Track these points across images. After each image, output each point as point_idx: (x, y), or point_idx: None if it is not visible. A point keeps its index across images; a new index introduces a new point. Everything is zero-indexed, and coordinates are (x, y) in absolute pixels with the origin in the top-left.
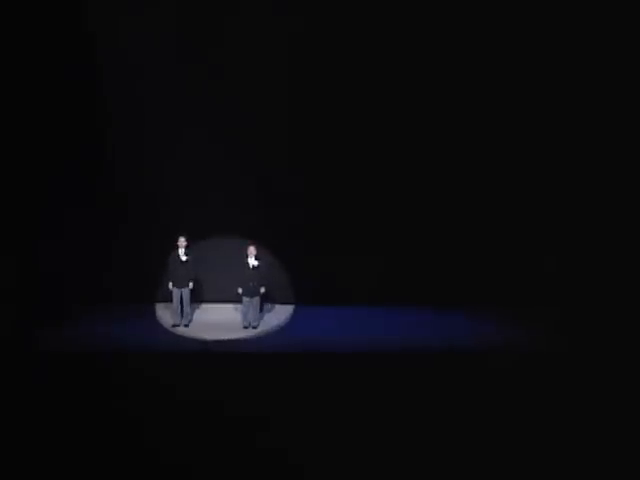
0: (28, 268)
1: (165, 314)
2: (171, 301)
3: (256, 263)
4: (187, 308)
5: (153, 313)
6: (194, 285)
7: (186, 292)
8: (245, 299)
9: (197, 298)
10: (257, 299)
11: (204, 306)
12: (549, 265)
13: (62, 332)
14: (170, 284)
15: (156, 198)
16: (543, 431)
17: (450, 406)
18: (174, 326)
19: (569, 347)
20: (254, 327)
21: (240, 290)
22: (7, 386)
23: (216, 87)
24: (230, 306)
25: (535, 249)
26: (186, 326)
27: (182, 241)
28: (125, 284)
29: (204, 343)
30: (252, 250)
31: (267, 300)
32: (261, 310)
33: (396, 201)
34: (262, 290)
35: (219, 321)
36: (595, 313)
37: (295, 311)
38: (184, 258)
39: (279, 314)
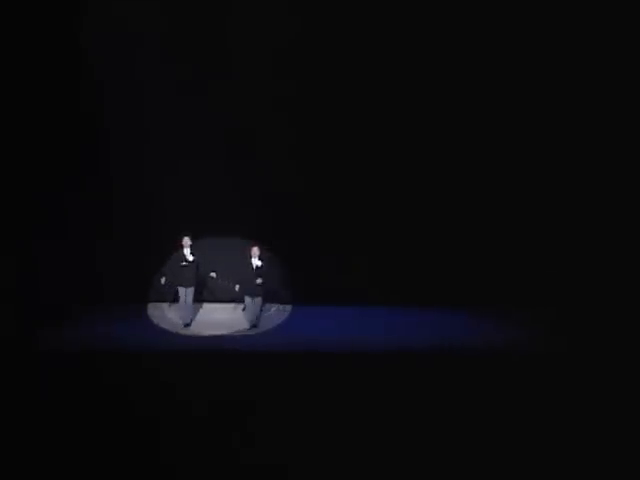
0: (28, 268)
1: (166, 314)
2: (170, 301)
3: (259, 263)
4: (189, 308)
5: (153, 313)
6: (198, 285)
7: (190, 292)
8: (247, 299)
9: (199, 298)
10: (259, 299)
11: (205, 306)
12: (548, 266)
13: (62, 332)
14: (163, 279)
15: (156, 198)
16: (543, 432)
17: (450, 406)
18: (186, 326)
19: (568, 348)
20: (254, 326)
21: (242, 290)
22: (7, 386)
23: (217, 87)
24: (231, 306)
25: (534, 250)
26: (187, 325)
27: (187, 241)
28: (125, 284)
29: (205, 343)
30: (255, 251)
31: (268, 300)
32: (261, 310)
33: (397, 202)
34: (265, 290)
35: (220, 321)
36: (594, 314)
37: (295, 311)
38: (190, 258)
39: (279, 314)
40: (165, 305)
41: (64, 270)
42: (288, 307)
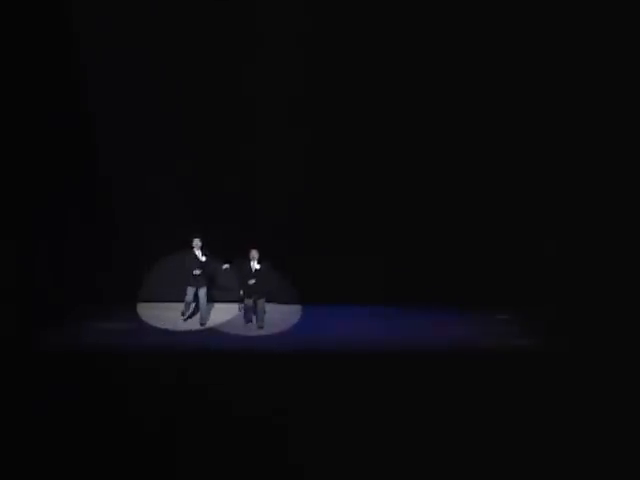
0: (28, 268)
1: (165, 314)
2: (175, 301)
3: (258, 266)
4: (204, 307)
5: (152, 313)
6: (210, 285)
7: (202, 292)
8: (247, 301)
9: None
10: (262, 301)
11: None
12: (548, 265)
13: (62, 332)
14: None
15: (155, 199)
16: (543, 431)
17: (450, 406)
18: (184, 317)
19: (569, 347)
20: (260, 327)
21: (242, 292)
22: (7, 386)
23: (216, 86)
24: (235, 306)
25: (534, 249)
26: (202, 324)
27: (197, 242)
28: (125, 284)
29: (207, 343)
30: (254, 254)
31: (269, 301)
32: (264, 312)
33: (396, 201)
34: (265, 292)
35: (224, 321)
36: (595, 312)
37: (297, 311)
38: (203, 259)
39: (281, 314)
40: (164, 305)
41: (64, 270)
42: (290, 307)
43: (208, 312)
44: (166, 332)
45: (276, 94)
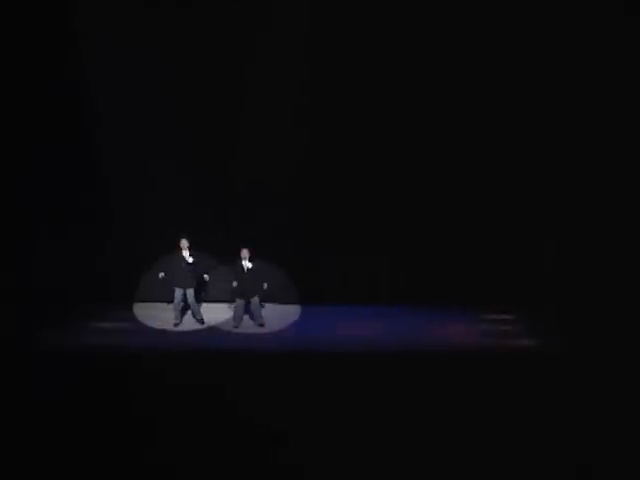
0: (28, 268)
1: (164, 314)
2: (171, 301)
3: (250, 265)
4: (194, 307)
5: (152, 313)
6: (198, 285)
7: (191, 292)
8: (239, 301)
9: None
10: (255, 299)
11: (205, 306)
12: (548, 265)
13: (62, 332)
14: (161, 274)
15: (154, 198)
16: (543, 431)
17: (450, 406)
18: (175, 325)
19: (569, 347)
20: (261, 325)
21: (234, 292)
22: (7, 386)
23: (215, 86)
24: (231, 306)
25: (534, 249)
26: (202, 323)
27: (184, 243)
28: (125, 284)
29: (204, 342)
30: (245, 253)
31: (265, 300)
32: (260, 308)
33: (397, 201)
34: (260, 290)
35: (223, 320)
36: (594, 313)
37: (297, 311)
38: (190, 260)
39: (280, 314)
40: (164, 305)
41: (64, 270)
42: (284, 307)
43: (199, 310)
44: (165, 332)
45: (276, 93)
